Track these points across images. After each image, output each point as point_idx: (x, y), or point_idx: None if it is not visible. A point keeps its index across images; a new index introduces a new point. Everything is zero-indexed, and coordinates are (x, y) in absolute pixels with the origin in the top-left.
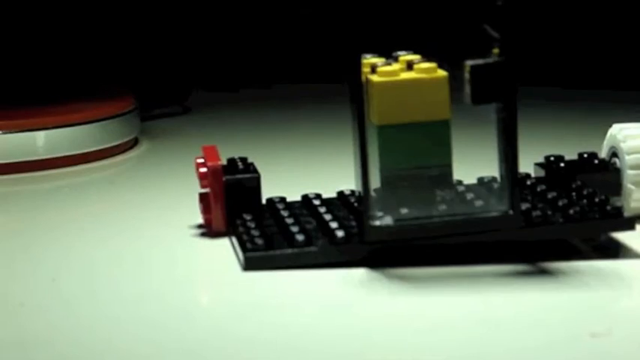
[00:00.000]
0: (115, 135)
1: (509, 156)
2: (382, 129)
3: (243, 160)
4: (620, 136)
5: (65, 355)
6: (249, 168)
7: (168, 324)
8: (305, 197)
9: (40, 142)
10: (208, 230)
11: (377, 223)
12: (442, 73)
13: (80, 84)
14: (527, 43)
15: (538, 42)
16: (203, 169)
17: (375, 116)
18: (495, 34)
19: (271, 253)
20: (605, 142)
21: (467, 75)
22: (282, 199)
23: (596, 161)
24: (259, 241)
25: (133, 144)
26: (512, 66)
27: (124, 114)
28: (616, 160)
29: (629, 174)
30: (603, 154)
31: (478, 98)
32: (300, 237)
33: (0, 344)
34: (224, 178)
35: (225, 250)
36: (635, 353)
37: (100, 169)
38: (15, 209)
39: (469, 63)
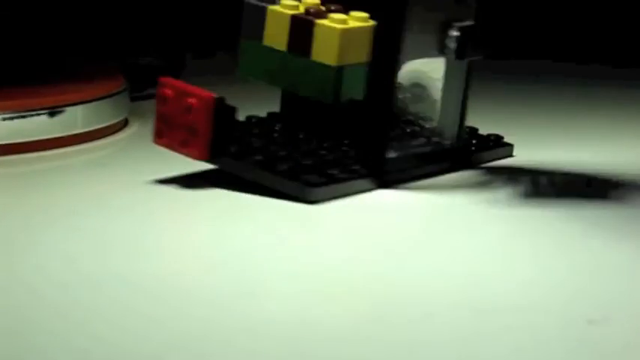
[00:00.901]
0: (105, 116)
1: (464, 102)
2: (340, 69)
3: None
4: (426, 69)
5: (56, 341)
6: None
7: (170, 306)
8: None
9: (27, 124)
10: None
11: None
12: (372, 21)
13: (68, 64)
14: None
15: None
16: (192, 100)
17: (333, 58)
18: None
19: (330, 185)
20: (405, 77)
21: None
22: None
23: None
24: (313, 176)
25: (122, 125)
26: (487, 29)
27: (113, 95)
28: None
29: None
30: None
31: (462, 54)
32: (334, 171)
33: None
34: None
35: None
36: None
37: (89, 151)
38: (2, 192)
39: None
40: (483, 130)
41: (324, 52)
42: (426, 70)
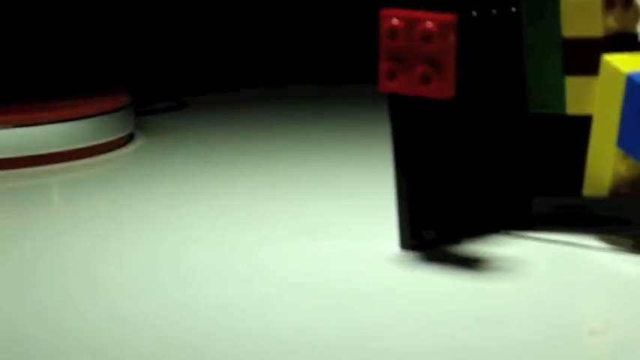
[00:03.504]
0: (110, 131)
1: None
2: None
3: None
4: None
5: (65, 353)
6: None
7: (170, 320)
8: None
9: (33, 138)
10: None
11: None
12: None
13: (75, 79)
14: None
15: None
16: (430, 25)
17: None
18: None
19: None
20: None
21: None
22: None
23: None
24: None
25: (128, 139)
26: None
27: (118, 109)
28: None
29: None
30: None
31: None
32: None
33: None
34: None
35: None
36: None
37: (95, 165)
38: (9, 206)
39: None
40: None
41: None
42: None
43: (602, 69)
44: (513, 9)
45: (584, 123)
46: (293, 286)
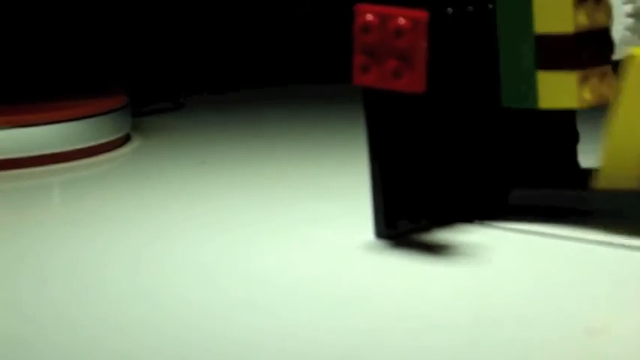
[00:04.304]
0: (107, 131)
1: None
2: None
3: None
4: None
5: (47, 355)
6: None
7: (161, 323)
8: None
9: (29, 139)
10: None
11: None
12: None
13: (71, 80)
14: None
15: None
16: (402, 21)
17: None
18: None
19: None
20: None
21: None
22: None
23: None
24: None
25: (125, 140)
26: None
27: (115, 110)
28: None
29: None
30: None
31: None
32: None
33: None
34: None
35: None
36: None
37: (91, 166)
38: (4, 206)
39: None
40: None
41: None
42: None
43: (631, 64)
44: (490, 6)
45: (556, 116)
46: (273, 283)
